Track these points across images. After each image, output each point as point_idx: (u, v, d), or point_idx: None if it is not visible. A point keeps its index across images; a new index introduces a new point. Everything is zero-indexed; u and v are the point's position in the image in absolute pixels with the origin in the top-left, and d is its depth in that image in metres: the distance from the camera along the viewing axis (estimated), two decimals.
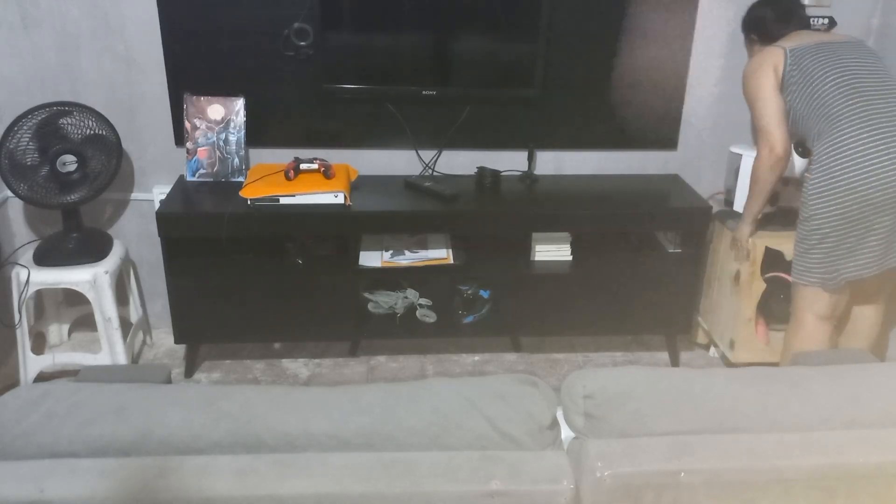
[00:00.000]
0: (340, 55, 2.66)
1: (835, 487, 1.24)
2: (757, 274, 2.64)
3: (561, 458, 1.23)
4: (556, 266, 2.77)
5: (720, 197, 2.93)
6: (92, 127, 2.55)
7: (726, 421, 1.29)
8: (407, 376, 2.87)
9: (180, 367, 2.87)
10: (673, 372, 1.42)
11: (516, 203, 2.73)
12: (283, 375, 2.86)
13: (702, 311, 3.02)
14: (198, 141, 2.74)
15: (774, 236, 2.63)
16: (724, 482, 1.21)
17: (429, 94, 2.73)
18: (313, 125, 2.83)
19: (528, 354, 3.02)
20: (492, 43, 2.70)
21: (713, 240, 2.88)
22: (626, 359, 3.01)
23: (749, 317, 2.70)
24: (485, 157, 2.93)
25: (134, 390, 1.28)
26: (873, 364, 1.49)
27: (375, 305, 2.89)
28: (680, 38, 2.82)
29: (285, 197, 2.57)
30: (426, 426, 1.24)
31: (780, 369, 1.41)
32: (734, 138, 2.96)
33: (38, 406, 1.24)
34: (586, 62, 2.82)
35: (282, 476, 1.15)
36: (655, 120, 2.93)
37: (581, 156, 2.98)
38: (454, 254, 2.79)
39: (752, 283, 2.66)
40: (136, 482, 1.14)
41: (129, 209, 2.91)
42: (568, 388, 1.33)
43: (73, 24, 2.63)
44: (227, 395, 1.27)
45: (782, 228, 2.65)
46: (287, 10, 2.64)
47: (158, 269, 2.77)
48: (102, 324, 2.66)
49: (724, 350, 2.83)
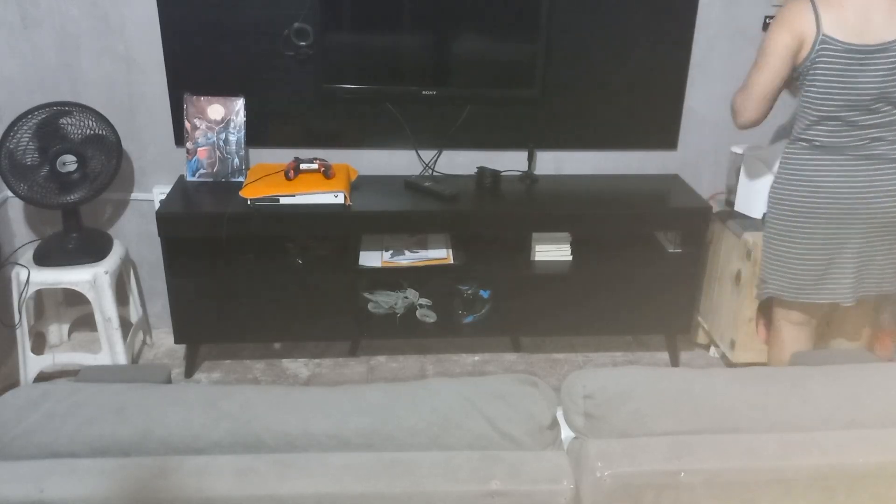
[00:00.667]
0: (340, 55, 2.66)
1: (835, 487, 1.24)
2: (758, 274, 2.64)
3: (561, 458, 1.23)
4: (556, 266, 2.77)
5: (721, 197, 2.93)
6: (92, 127, 2.55)
7: (726, 421, 1.29)
8: (407, 376, 2.87)
9: (180, 367, 2.87)
10: (673, 372, 1.42)
11: (516, 203, 2.73)
12: (283, 375, 2.86)
13: (702, 312, 3.02)
14: (198, 141, 2.74)
15: None
16: (724, 482, 1.21)
17: (429, 94, 2.73)
18: (313, 125, 2.83)
19: (528, 354, 3.02)
20: (492, 43, 2.70)
21: (713, 240, 2.88)
22: (626, 359, 3.01)
23: (750, 317, 2.70)
24: (485, 157, 2.93)
25: (134, 390, 1.28)
26: (873, 364, 1.49)
27: (375, 305, 2.89)
28: (680, 38, 2.82)
29: (285, 197, 2.57)
30: (426, 426, 1.24)
31: (781, 369, 1.41)
32: (734, 138, 2.96)
33: (38, 406, 1.24)
34: (586, 62, 2.82)
35: (282, 476, 1.15)
36: (655, 120, 2.93)
37: (581, 156, 2.98)
38: (454, 254, 2.79)
39: (753, 283, 2.65)
40: (136, 482, 1.14)
41: (129, 209, 2.92)
42: (568, 388, 1.33)
43: (73, 24, 2.63)
44: (227, 395, 1.27)
45: None
46: (287, 10, 2.64)
47: (158, 269, 2.77)
48: (102, 324, 2.66)
49: (725, 350, 2.83)
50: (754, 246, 2.61)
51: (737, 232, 2.69)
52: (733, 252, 2.74)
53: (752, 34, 2.83)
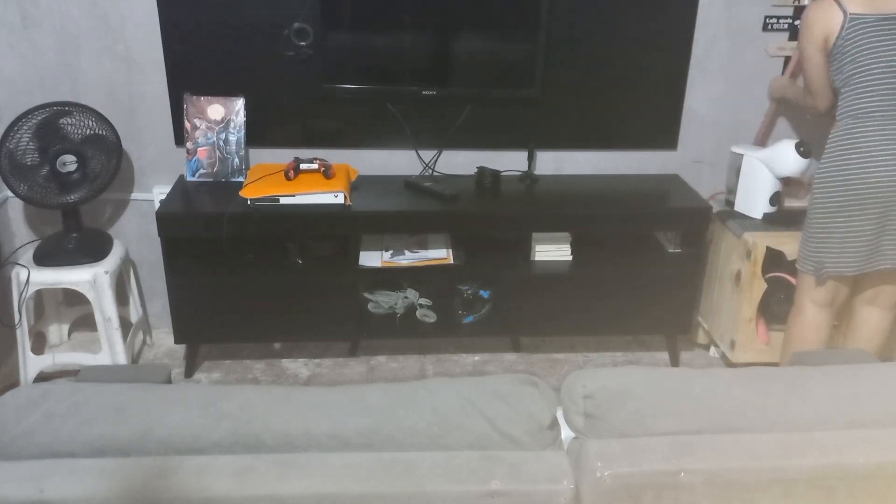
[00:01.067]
0: (340, 55, 2.66)
1: (835, 487, 1.24)
2: (758, 274, 2.64)
3: (561, 458, 1.23)
4: (556, 266, 2.77)
5: (721, 197, 2.93)
6: (92, 127, 2.55)
7: (726, 421, 1.29)
8: (407, 376, 2.87)
9: (180, 367, 2.87)
10: (673, 372, 1.42)
11: (516, 203, 2.73)
12: (283, 375, 2.86)
13: (702, 312, 3.02)
14: (198, 141, 2.74)
15: (776, 236, 2.63)
16: (724, 482, 1.21)
17: (429, 94, 2.73)
18: (313, 125, 2.83)
19: (528, 354, 3.02)
20: (492, 43, 2.70)
21: (713, 240, 2.88)
22: (626, 359, 3.01)
23: (750, 317, 2.71)
24: (485, 157, 2.93)
25: (134, 390, 1.28)
26: (873, 364, 1.49)
27: (375, 305, 2.89)
28: (680, 38, 2.82)
29: (285, 197, 2.57)
30: (426, 426, 1.24)
31: (781, 369, 1.41)
32: (734, 138, 2.96)
33: (38, 406, 1.24)
34: (586, 62, 2.82)
35: (282, 476, 1.15)
36: (655, 120, 2.92)
37: (581, 156, 2.98)
38: (454, 254, 2.79)
39: (752, 283, 2.66)
40: (136, 482, 1.14)
41: (129, 209, 2.91)
42: (568, 388, 1.33)
43: (73, 24, 2.63)
44: (227, 395, 1.27)
45: (784, 229, 2.66)
46: (287, 10, 2.64)
47: (158, 269, 2.77)
48: (102, 324, 2.66)
49: (725, 350, 2.83)
50: (754, 246, 2.61)
51: (737, 232, 2.69)
52: (733, 252, 2.74)
53: (752, 34, 2.83)
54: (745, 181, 2.73)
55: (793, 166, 2.61)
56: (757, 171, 2.69)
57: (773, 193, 2.71)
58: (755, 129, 2.94)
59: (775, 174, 2.67)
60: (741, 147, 2.77)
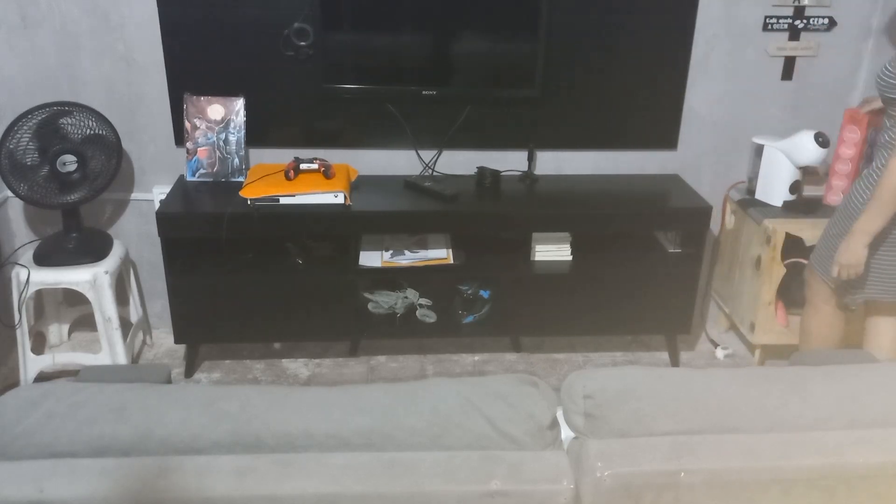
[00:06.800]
0: (340, 55, 2.66)
1: (835, 487, 1.24)
2: (777, 259, 2.71)
3: (561, 458, 1.23)
4: (556, 266, 2.77)
5: (742, 186, 2.99)
6: (92, 127, 2.55)
7: (726, 421, 1.29)
8: (407, 376, 2.87)
9: (180, 367, 2.87)
10: (673, 372, 1.42)
11: (516, 203, 2.73)
12: (283, 375, 2.86)
13: (723, 296, 3.09)
14: (198, 141, 2.74)
15: (795, 223, 2.69)
16: (724, 482, 1.21)
17: (429, 94, 2.73)
18: (313, 125, 2.83)
19: (528, 354, 3.02)
20: (492, 43, 2.70)
21: (735, 226, 2.94)
22: (626, 359, 3.01)
23: (769, 300, 2.77)
24: (485, 157, 2.93)
25: (134, 390, 1.28)
26: (873, 364, 1.49)
27: (375, 305, 2.89)
28: (680, 38, 2.82)
29: (285, 197, 2.57)
30: (426, 426, 1.24)
31: (780, 369, 1.41)
32: (734, 138, 2.96)
33: (38, 406, 1.24)
34: (586, 62, 2.82)
35: (282, 476, 1.15)
36: (655, 120, 2.93)
37: (581, 156, 2.98)
38: (454, 254, 2.79)
39: (772, 267, 2.72)
40: (136, 482, 1.14)
41: (129, 209, 2.91)
42: (568, 388, 1.33)
43: (73, 24, 2.63)
44: (227, 395, 1.27)
45: (803, 216, 2.71)
46: (287, 10, 2.64)
47: (158, 269, 2.77)
48: (102, 324, 2.66)
49: (745, 332, 2.90)
50: (774, 232, 2.67)
51: (757, 219, 2.75)
52: (754, 238, 2.79)
53: (752, 34, 2.83)
54: (766, 170, 2.78)
55: (811, 156, 2.65)
56: (777, 161, 2.74)
57: (793, 182, 2.75)
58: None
59: (794, 163, 2.71)
60: (762, 138, 2.80)
